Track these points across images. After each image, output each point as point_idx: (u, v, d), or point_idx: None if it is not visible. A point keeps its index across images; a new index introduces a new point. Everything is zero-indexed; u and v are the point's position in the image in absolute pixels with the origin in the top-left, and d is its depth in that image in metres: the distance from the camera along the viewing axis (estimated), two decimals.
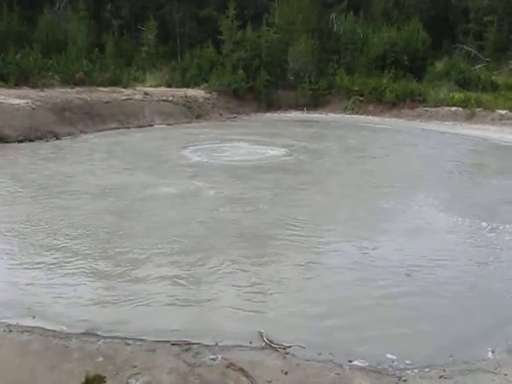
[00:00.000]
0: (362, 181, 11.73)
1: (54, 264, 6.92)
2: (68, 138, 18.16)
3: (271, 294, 6.07)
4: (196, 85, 27.01)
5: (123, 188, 10.96)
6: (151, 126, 22.00)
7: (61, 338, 5.02)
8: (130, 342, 5.03)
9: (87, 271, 6.75)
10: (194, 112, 24.28)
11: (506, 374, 4.32)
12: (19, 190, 10.73)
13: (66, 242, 7.70)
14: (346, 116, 26.10)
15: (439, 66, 27.97)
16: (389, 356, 4.87)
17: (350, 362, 4.75)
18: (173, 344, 5.01)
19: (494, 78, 25.77)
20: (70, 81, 22.25)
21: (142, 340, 5.08)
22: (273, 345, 4.95)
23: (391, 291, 6.15)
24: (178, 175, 12.16)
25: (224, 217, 8.94)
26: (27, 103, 18.18)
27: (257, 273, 6.68)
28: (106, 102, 21.60)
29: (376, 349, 4.96)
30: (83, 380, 4.13)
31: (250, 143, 17.12)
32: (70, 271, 6.74)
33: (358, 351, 4.93)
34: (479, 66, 28.34)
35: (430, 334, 5.25)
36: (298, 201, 10.00)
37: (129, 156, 14.80)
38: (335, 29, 29.36)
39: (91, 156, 15.18)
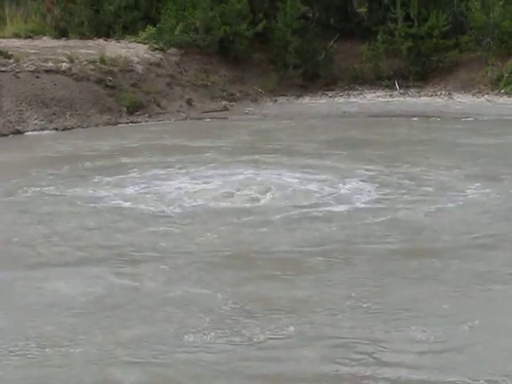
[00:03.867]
0: None
1: None
2: None
3: None
4: (129, 33, 25.75)
5: None
6: (18, 133, 20.37)
7: None
8: None
9: None
10: (123, 98, 22.12)
11: None
12: None
13: None
14: (501, 101, 23.34)
15: None
16: None
17: None
18: None
19: None
20: None
21: None
22: None
23: None
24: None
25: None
26: None
27: None
28: None
29: None
30: None
31: (278, 179, 14.52)
32: None
33: None
34: None
35: None
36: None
37: None
38: None
39: None
